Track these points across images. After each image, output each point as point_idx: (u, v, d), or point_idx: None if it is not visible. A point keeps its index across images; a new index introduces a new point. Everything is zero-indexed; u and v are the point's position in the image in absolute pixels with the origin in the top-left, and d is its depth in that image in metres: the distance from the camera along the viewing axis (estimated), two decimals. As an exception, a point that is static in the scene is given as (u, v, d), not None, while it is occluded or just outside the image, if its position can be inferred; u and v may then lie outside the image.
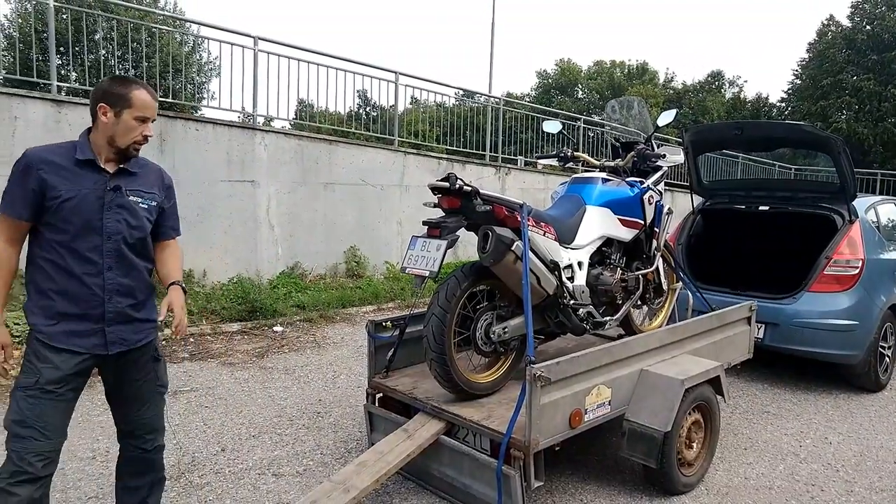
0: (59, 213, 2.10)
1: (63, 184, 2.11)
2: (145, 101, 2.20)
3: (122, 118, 2.17)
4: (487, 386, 3.27)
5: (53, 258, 2.13)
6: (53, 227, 2.12)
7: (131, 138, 2.20)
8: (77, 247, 2.14)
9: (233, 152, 7.56)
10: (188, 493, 3.13)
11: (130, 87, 2.19)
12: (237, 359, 5.35)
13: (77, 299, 2.15)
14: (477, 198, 3.03)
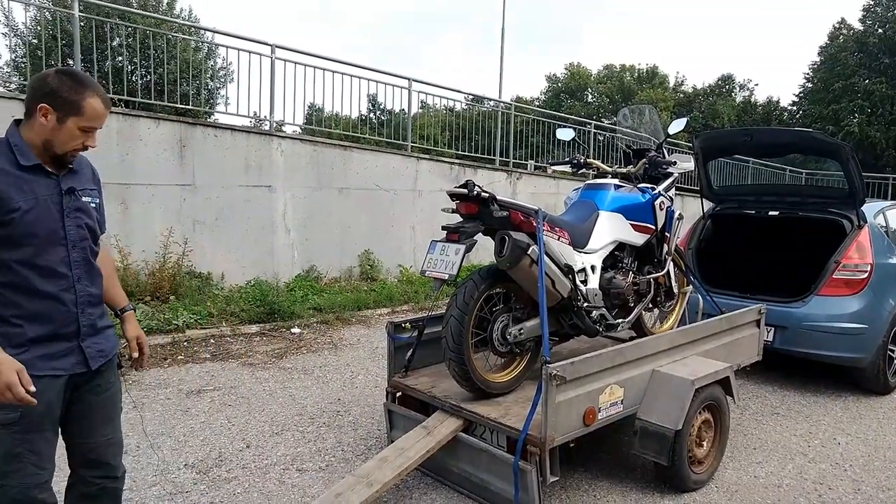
0: (18, 228, 1.84)
1: (18, 194, 1.85)
2: (97, 110, 1.93)
3: (65, 125, 1.90)
4: (504, 385, 3.38)
5: (12, 279, 1.87)
6: (11, 245, 1.85)
7: (71, 147, 1.94)
8: (42, 262, 1.90)
9: (250, 157, 7.74)
10: (217, 486, 3.26)
11: (84, 93, 1.91)
12: (257, 359, 5.50)
13: (49, 319, 1.93)
14: (494, 204, 3.14)
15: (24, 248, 1.86)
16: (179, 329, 5.91)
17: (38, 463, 1.92)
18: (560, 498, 3.23)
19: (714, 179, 6.36)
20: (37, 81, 1.95)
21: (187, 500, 3.11)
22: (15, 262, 1.86)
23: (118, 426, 2.18)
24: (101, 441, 2.11)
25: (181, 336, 5.83)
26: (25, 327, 1.89)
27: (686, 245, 5.73)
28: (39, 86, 1.92)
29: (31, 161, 1.90)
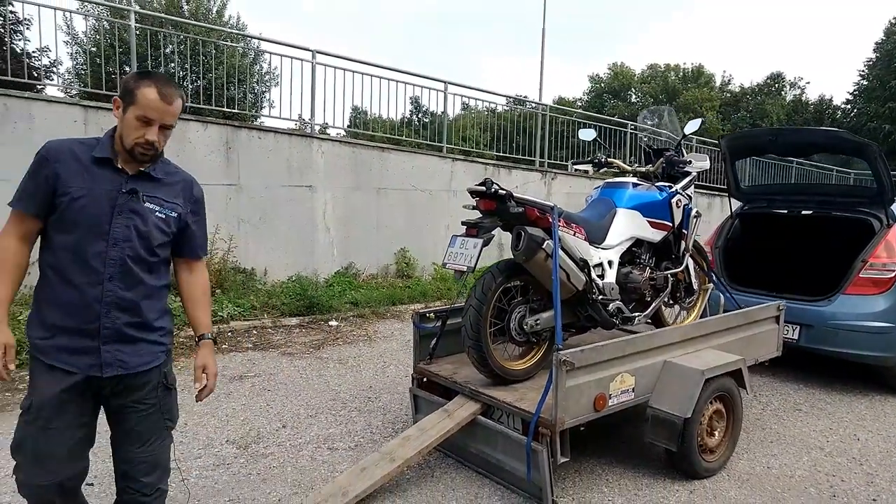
0: (67, 213, 1.90)
1: (75, 181, 1.91)
2: (149, 99, 1.92)
3: (126, 115, 1.94)
4: (521, 373, 3.57)
5: (55, 263, 1.93)
6: (59, 228, 1.92)
7: (133, 139, 1.94)
8: (80, 252, 1.91)
9: (292, 159, 8.10)
10: (255, 460, 3.55)
11: (140, 82, 1.94)
12: (296, 349, 5.81)
13: (73, 311, 1.91)
14: (511, 200, 3.33)
15: (69, 235, 1.91)
16: (224, 320, 6.28)
17: (38, 462, 1.91)
18: (574, 481, 3.39)
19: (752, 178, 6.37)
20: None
21: (228, 471, 3.40)
22: (60, 248, 1.92)
23: (155, 447, 2.11)
24: (132, 457, 2.07)
25: (226, 327, 6.20)
26: (53, 312, 1.92)
27: (713, 244, 5.80)
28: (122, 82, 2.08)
29: (102, 153, 1.96)
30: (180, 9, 18.36)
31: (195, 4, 18.48)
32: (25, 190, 1.93)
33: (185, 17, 17.73)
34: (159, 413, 2.11)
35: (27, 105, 6.32)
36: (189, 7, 18.44)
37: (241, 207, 7.68)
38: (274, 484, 3.27)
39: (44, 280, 1.95)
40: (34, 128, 6.25)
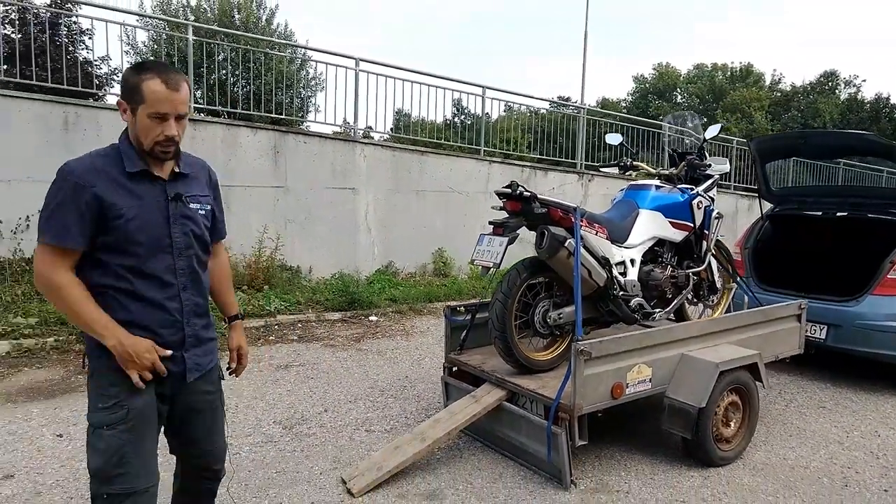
0: (125, 235, 1.81)
1: (122, 200, 1.81)
2: (157, 93, 1.79)
3: (137, 116, 1.82)
4: (545, 363, 3.81)
5: (122, 285, 1.85)
6: (116, 250, 1.83)
7: (152, 140, 1.83)
8: (149, 269, 1.86)
9: (336, 162, 8.50)
10: (298, 439, 3.89)
11: (142, 76, 1.80)
12: (338, 342, 6.18)
13: (156, 327, 1.90)
14: (535, 202, 3.57)
15: (129, 256, 1.83)
16: (271, 314, 6.70)
17: (147, 468, 1.91)
18: (593, 465, 3.61)
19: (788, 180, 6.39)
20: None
21: (275, 448, 3.74)
22: (121, 268, 1.84)
23: (221, 434, 2.19)
24: (205, 450, 2.15)
25: (272, 320, 6.61)
26: (131, 331, 1.85)
27: (743, 245, 5.91)
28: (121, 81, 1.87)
29: (136, 167, 1.86)
30: (232, 18, 19.14)
31: (246, 13, 19.23)
32: (66, 223, 1.77)
33: (237, 26, 18.49)
34: (220, 402, 2.18)
35: (94, 113, 6.88)
36: (240, 16, 19.20)
37: (287, 208, 8.11)
38: (316, 460, 3.59)
39: (104, 301, 1.84)
40: (101, 134, 6.78)
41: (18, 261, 6.27)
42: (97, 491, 1.88)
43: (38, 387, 4.59)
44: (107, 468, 1.85)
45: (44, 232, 1.81)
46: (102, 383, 1.88)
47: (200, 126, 7.50)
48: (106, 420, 1.86)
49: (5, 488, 3.13)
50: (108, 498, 1.86)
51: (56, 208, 1.79)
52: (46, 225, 1.80)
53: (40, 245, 1.82)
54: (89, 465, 1.88)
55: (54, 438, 3.74)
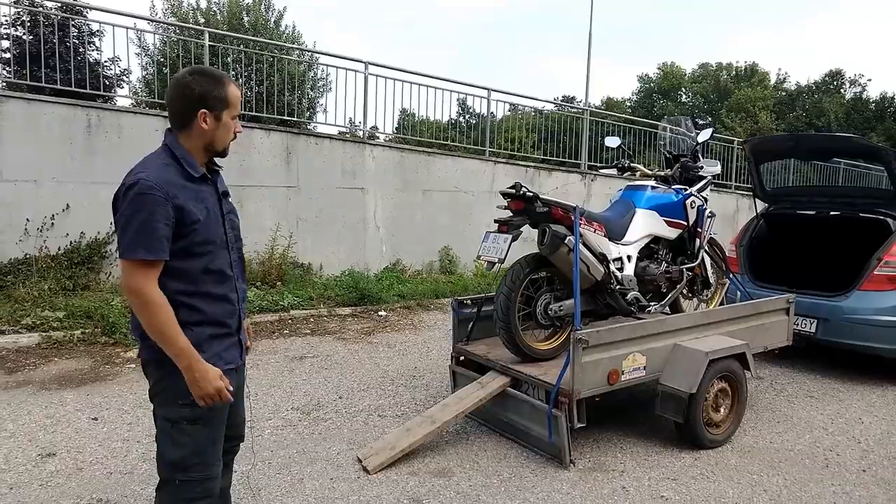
0: (197, 237, 1.91)
1: (195, 206, 1.92)
2: (237, 95, 2.02)
3: (223, 120, 1.99)
4: (547, 352, 4.07)
5: (191, 288, 1.93)
6: (189, 254, 1.92)
7: (229, 140, 2.03)
8: (215, 267, 1.98)
9: (346, 163, 8.78)
10: (316, 423, 4.16)
11: (224, 85, 1.98)
12: (349, 335, 6.45)
13: (222, 319, 2.02)
14: (537, 201, 3.83)
15: (201, 257, 1.94)
16: (285, 309, 6.98)
17: (217, 454, 2.05)
18: (591, 447, 3.87)
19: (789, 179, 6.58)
20: (180, 91, 1.95)
21: (294, 431, 4.02)
22: (192, 271, 1.93)
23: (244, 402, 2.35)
24: (239, 421, 2.30)
25: (286, 315, 6.89)
26: (205, 330, 1.96)
27: (738, 242, 6.15)
28: (186, 94, 1.94)
29: (199, 172, 1.98)
30: (241, 20, 19.43)
31: (255, 16, 19.52)
32: (158, 237, 1.82)
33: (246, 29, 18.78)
34: (244, 375, 2.29)
35: (116, 116, 7.17)
36: (249, 19, 19.50)
37: (299, 207, 8.40)
38: (333, 441, 3.86)
39: (184, 308, 1.92)
40: (122, 136, 7.09)
41: (44, 257, 6.57)
42: (170, 476, 2.00)
43: (69, 375, 4.88)
44: (185, 460, 1.97)
45: (135, 247, 1.81)
46: (177, 386, 1.91)
47: (216, 128, 7.77)
48: (188, 416, 1.95)
49: (49, 465, 3.41)
50: (180, 483, 1.99)
51: (144, 223, 1.81)
52: (137, 240, 1.81)
53: (131, 261, 1.82)
54: (165, 456, 1.99)
55: (90, 421, 4.02)
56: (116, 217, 1.88)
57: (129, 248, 1.82)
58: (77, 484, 3.21)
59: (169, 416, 1.98)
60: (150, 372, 2.02)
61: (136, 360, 5.30)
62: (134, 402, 4.36)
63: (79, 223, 6.86)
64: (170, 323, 1.85)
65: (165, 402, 1.99)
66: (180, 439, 1.97)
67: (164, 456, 2.00)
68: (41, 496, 3.07)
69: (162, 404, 2.00)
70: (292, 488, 3.24)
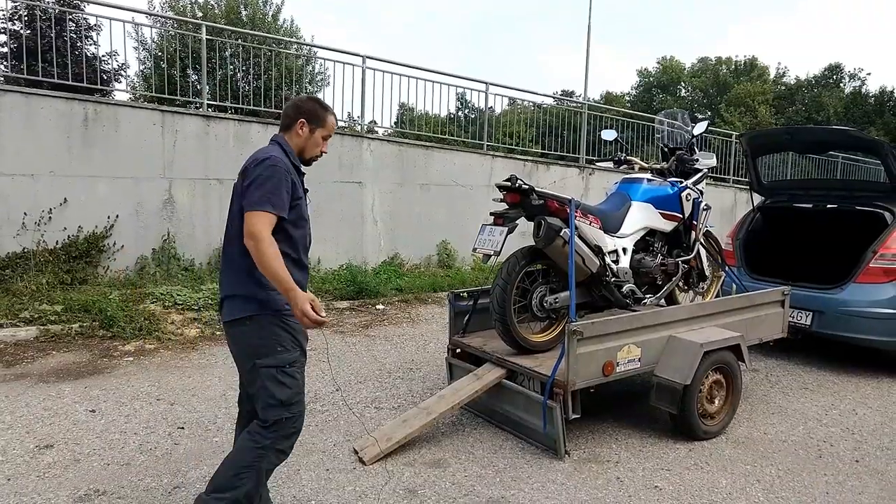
0: (298, 212, 2.46)
1: (299, 187, 2.51)
2: (333, 124, 2.66)
3: (314, 135, 2.59)
4: (542, 344, 4.09)
5: (290, 252, 2.43)
6: (294, 224, 2.45)
7: (315, 152, 2.64)
8: (305, 239, 2.54)
9: (343, 157, 8.78)
10: (314, 415, 4.17)
11: (326, 112, 2.63)
12: (347, 328, 6.47)
13: (304, 282, 2.51)
14: (533, 194, 3.85)
15: (299, 228, 2.49)
16: (283, 303, 6.98)
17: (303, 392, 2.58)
18: (587, 438, 3.89)
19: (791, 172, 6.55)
20: (294, 105, 2.64)
21: (291, 423, 4.03)
22: (295, 238, 2.47)
23: None
24: None
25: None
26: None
27: (735, 236, 6.17)
28: (298, 107, 2.61)
29: (299, 164, 2.59)
30: (239, 14, 19.38)
31: (253, 10, 19.48)
32: (283, 198, 2.37)
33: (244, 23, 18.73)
34: None
35: (114, 110, 7.17)
36: (247, 13, 19.46)
37: (297, 201, 8.38)
38: (330, 433, 3.88)
39: None
40: (120, 131, 7.08)
41: (42, 251, 6.58)
42: (280, 416, 2.45)
43: (67, 368, 4.89)
44: (291, 397, 2.47)
45: (264, 203, 2.33)
46: (280, 332, 2.44)
47: (214, 122, 7.78)
48: (290, 359, 2.47)
49: (46, 456, 3.43)
50: (287, 419, 2.46)
51: (275, 186, 2.36)
52: (267, 197, 2.34)
53: (262, 212, 2.32)
54: (276, 397, 2.43)
55: (87, 413, 4.04)
56: (248, 181, 2.39)
57: (259, 202, 2.34)
58: (74, 475, 3.22)
59: (275, 363, 2.44)
60: (244, 331, 2.46)
61: (133, 353, 5.33)
62: (131, 395, 4.38)
63: (76, 217, 6.87)
64: (280, 260, 2.30)
65: (269, 352, 2.44)
66: (286, 380, 2.45)
67: (276, 397, 2.43)
68: (38, 487, 3.09)
69: (266, 355, 2.44)
70: (289, 479, 3.26)
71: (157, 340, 5.63)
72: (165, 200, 7.47)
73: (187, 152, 7.58)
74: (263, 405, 2.45)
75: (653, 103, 46.44)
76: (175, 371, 4.94)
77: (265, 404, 2.44)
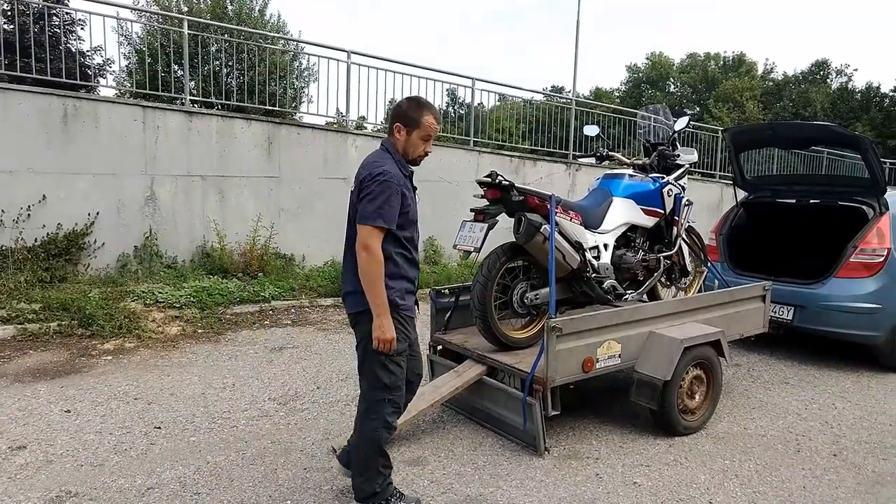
0: (409, 217, 2.68)
1: (409, 194, 2.69)
2: (431, 124, 2.71)
3: (411, 137, 2.70)
4: (523, 341, 4.07)
5: (404, 252, 2.70)
6: (404, 228, 2.67)
7: (417, 153, 2.75)
8: (414, 240, 2.76)
9: (328, 153, 8.72)
10: (293, 413, 4.14)
11: (422, 112, 2.71)
12: (330, 326, 6.43)
13: (413, 278, 2.76)
14: (513, 190, 3.82)
15: (409, 231, 2.72)
16: (266, 300, 6.93)
17: (405, 378, 2.85)
18: (567, 435, 3.88)
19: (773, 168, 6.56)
20: (393, 107, 2.83)
21: (270, 421, 4.00)
22: (405, 240, 2.72)
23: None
24: (418, 362, 3.08)
25: (267, 306, 6.85)
26: (404, 284, 2.72)
27: (718, 231, 6.18)
28: (394, 111, 2.79)
29: (408, 170, 2.77)
30: (225, 8, 19.21)
31: (239, 5, 19.31)
32: (393, 213, 2.59)
33: (230, 17, 18.58)
34: None
35: (94, 106, 7.07)
36: (233, 7, 19.29)
37: (281, 198, 8.34)
38: (309, 432, 3.85)
39: (391, 263, 2.66)
40: (100, 126, 6.99)
41: (21, 249, 6.48)
42: (382, 397, 2.74)
43: (44, 368, 4.83)
44: (394, 382, 2.75)
45: (376, 217, 2.56)
46: (395, 324, 2.65)
47: (196, 118, 7.70)
48: (399, 349, 2.71)
49: (19, 457, 3.37)
50: (388, 400, 2.75)
51: (386, 202, 2.57)
52: (381, 213, 2.56)
53: (373, 227, 2.57)
54: (382, 380, 2.72)
55: (62, 414, 3.99)
56: (363, 194, 2.61)
57: (372, 217, 2.56)
58: (46, 476, 3.17)
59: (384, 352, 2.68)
60: (363, 320, 2.70)
61: (112, 352, 5.26)
62: (108, 394, 4.33)
63: (56, 214, 6.78)
64: (381, 278, 2.58)
65: None
66: (392, 367, 2.73)
67: (381, 380, 2.72)
68: (9, 489, 3.04)
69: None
70: (265, 478, 3.23)
71: (137, 339, 5.56)
72: (147, 197, 7.39)
73: (170, 148, 7.49)
74: (370, 386, 2.77)
75: (642, 99, 46.54)
76: (154, 370, 4.88)
77: (371, 386, 2.76)
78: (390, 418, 2.79)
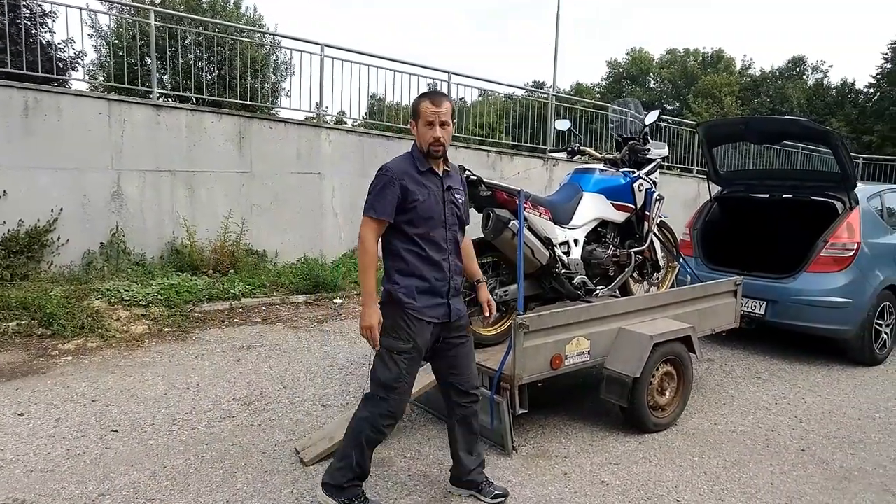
0: (417, 213, 2.62)
1: (418, 190, 2.63)
2: (426, 108, 2.66)
3: (417, 127, 2.70)
4: (493, 337, 4.01)
5: (415, 249, 2.65)
6: (412, 224, 2.63)
7: (426, 141, 2.67)
8: (433, 237, 2.66)
9: (301, 147, 8.57)
10: (257, 414, 4.04)
11: (419, 100, 2.71)
12: (301, 323, 6.31)
13: (430, 278, 2.66)
14: (481, 185, 3.74)
15: (421, 227, 2.65)
16: (236, 297, 6.80)
17: (410, 387, 2.76)
18: (536, 433, 3.82)
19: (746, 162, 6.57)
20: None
21: (233, 423, 3.89)
22: (416, 237, 2.66)
23: (473, 366, 2.96)
24: (469, 376, 2.90)
25: (237, 303, 6.72)
26: (414, 281, 2.66)
27: (692, 226, 6.16)
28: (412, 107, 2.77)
29: (424, 167, 2.71)
30: (199, 1, 18.87)
31: (213, -3, 18.99)
32: (385, 204, 2.60)
33: (205, 10, 18.25)
34: (470, 343, 2.93)
35: (56, 99, 6.85)
36: (208, 0, 18.96)
37: (253, 193, 8.18)
38: (272, 433, 3.75)
39: (400, 259, 2.68)
40: (62, 119, 6.79)
41: (-20, 246, 6.28)
42: (376, 392, 2.71)
43: (0, 369, 4.66)
44: (391, 381, 2.67)
45: (370, 209, 2.63)
46: (399, 321, 2.66)
47: (164, 111, 7.51)
48: (400, 348, 2.67)
49: (-34, 464, 3.24)
50: (381, 399, 2.69)
51: (379, 193, 2.62)
52: (374, 205, 2.62)
53: (365, 217, 2.64)
54: (377, 375, 2.69)
55: (15, 417, 3.84)
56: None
57: (365, 208, 2.65)
58: (-8, 483, 3.05)
59: (386, 346, 2.68)
60: (382, 311, 2.68)
61: (73, 352, 5.11)
62: (65, 396, 4.18)
63: (17, 210, 6.57)
64: (371, 268, 2.63)
65: (385, 333, 2.68)
66: (390, 364, 2.68)
67: (377, 374, 2.70)
68: (-48, 497, 2.91)
69: (384, 335, 2.68)
70: (223, 482, 3.13)
71: (101, 338, 5.41)
72: (114, 192, 7.20)
73: (137, 143, 7.30)
74: (370, 377, 2.76)
75: (622, 94, 46.70)
76: (115, 370, 4.74)
77: (370, 377, 2.75)
78: (380, 420, 2.71)
